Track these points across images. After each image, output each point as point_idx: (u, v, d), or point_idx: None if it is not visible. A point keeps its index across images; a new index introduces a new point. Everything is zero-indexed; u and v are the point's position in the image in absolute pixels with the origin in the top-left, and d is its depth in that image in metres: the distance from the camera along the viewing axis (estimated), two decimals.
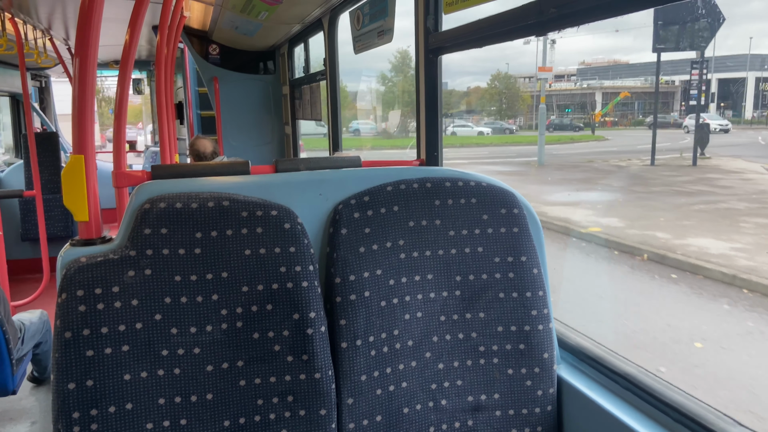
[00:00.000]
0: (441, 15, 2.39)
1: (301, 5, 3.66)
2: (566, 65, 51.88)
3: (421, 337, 1.55)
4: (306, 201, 1.57)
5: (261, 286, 1.44)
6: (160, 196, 1.44)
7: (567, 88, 50.35)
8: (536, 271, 1.62)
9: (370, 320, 1.49)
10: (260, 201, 1.48)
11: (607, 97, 45.64)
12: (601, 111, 42.87)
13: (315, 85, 4.54)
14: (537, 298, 1.60)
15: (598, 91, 47.08)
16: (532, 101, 44.66)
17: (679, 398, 1.35)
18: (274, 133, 5.74)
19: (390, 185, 1.59)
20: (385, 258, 1.54)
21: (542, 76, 26.37)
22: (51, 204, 5.94)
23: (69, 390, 1.30)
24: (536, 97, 38.44)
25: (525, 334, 1.58)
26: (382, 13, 3.01)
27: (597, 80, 49.08)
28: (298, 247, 1.47)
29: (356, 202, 1.56)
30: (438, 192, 1.61)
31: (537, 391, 1.58)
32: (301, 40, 4.75)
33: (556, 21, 1.66)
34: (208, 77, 5.49)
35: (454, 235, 1.60)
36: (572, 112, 46.96)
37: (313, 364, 1.43)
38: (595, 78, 49.54)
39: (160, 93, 3.68)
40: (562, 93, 50.00)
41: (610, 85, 47.29)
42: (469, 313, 1.58)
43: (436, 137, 2.63)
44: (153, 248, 1.39)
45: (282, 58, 5.39)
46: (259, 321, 1.43)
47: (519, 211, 1.64)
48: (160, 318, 1.37)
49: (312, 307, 1.45)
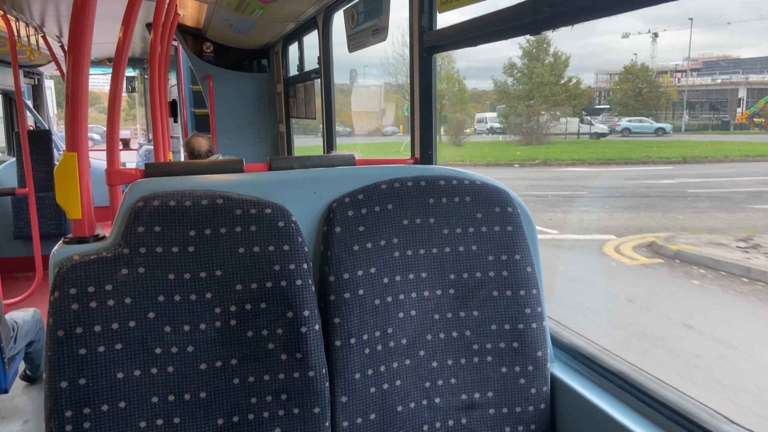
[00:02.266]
0: (435, 13, 2.39)
1: (296, 3, 3.65)
2: (667, 60, 44.75)
3: (415, 336, 1.55)
4: (300, 199, 1.56)
5: (255, 284, 1.43)
6: (153, 194, 1.43)
7: (702, 83, 41.35)
8: (530, 269, 1.62)
9: (364, 318, 1.49)
10: (254, 199, 1.48)
11: (753, 94, 37.44)
12: (749, 110, 34.61)
13: (309, 83, 4.53)
14: (531, 297, 1.60)
15: (742, 86, 38.83)
16: (679, 96, 37.96)
17: (672, 396, 1.36)
18: (268, 131, 5.73)
19: (384, 183, 1.59)
20: (379, 256, 1.54)
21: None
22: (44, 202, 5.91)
23: (61, 388, 1.29)
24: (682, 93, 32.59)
25: (519, 333, 1.59)
26: (377, 11, 3.00)
27: (741, 74, 40.39)
28: (292, 246, 1.46)
29: (350, 200, 1.56)
30: (432, 190, 1.61)
31: (531, 389, 1.58)
32: (296, 39, 4.74)
33: (550, 20, 1.66)
34: (202, 75, 5.48)
35: (448, 234, 1.60)
36: (702, 110, 39.19)
37: (307, 362, 1.43)
38: (738, 71, 40.82)
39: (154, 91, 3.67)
40: (695, 89, 41.05)
41: (757, 80, 38.58)
42: (463, 312, 1.59)
43: (430, 136, 2.63)
44: (146, 246, 1.38)
45: (276, 57, 5.38)
46: (252, 319, 1.43)
47: (513, 210, 1.64)
48: (154, 316, 1.36)
49: (306, 306, 1.45)
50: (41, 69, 7.95)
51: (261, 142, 5.72)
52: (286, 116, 5.32)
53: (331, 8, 3.66)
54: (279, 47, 5.17)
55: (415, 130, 2.64)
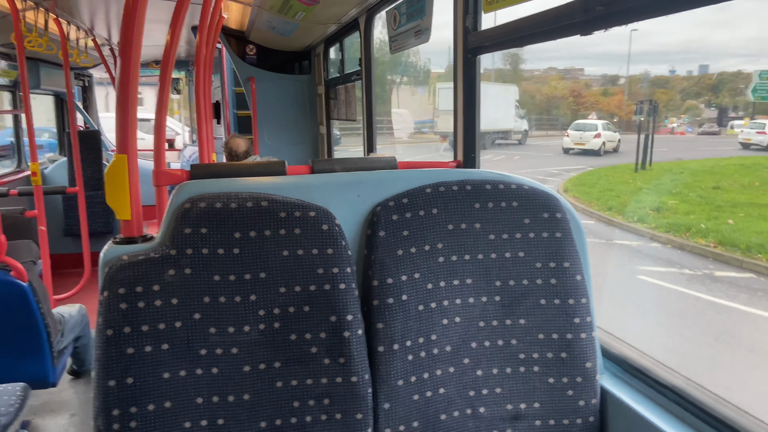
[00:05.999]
0: (480, 14, 2.35)
1: (338, 5, 3.66)
2: None
3: (459, 343, 1.52)
4: (343, 202, 1.55)
5: (298, 287, 1.43)
6: (200, 196, 1.45)
7: None
8: (579, 277, 1.57)
9: (407, 324, 1.47)
10: (298, 202, 1.47)
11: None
12: None
13: (350, 85, 4.53)
14: (580, 306, 1.55)
15: None
16: None
17: (732, 414, 1.29)
18: (308, 132, 5.77)
19: (429, 187, 1.57)
20: (423, 261, 1.51)
21: None
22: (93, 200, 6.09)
23: (109, 387, 1.31)
24: None
25: (567, 343, 1.54)
26: (420, 12, 2.98)
27: None
28: (335, 249, 1.45)
29: (394, 203, 1.54)
30: (478, 195, 1.57)
31: (579, 401, 1.53)
32: (337, 40, 4.76)
33: (603, 19, 1.60)
34: (245, 77, 5.55)
35: (495, 239, 1.56)
36: None
37: (349, 367, 1.42)
38: None
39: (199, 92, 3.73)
40: None
41: None
42: (509, 320, 1.55)
43: (473, 138, 2.59)
44: (193, 247, 1.39)
45: (317, 58, 5.41)
46: (296, 322, 1.42)
47: (562, 216, 1.59)
48: (199, 317, 1.37)
49: (349, 310, 1.43)
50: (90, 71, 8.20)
51: (302, 143, 5.77)
52: (327, 118, 5.35)
53: (373, 9, 3.65)
54: (320, 49, 5.20)
55: (458, 133, 2.60)
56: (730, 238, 9.37)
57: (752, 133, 20.46)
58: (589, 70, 34.71)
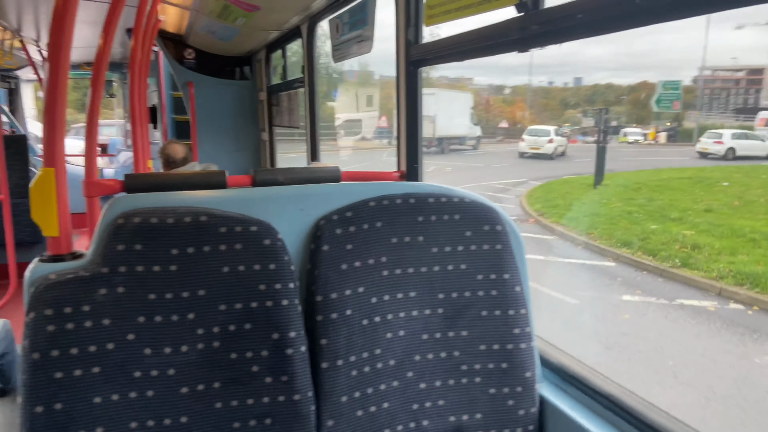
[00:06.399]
0: (421, 27, 2.38)
1: (279, 12, 3.62)
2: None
3: (404, 357, 1.52)
4: (286, 216, 1.53)
5: (239, 304, 1.39)
6: (134, 211, 1.39)
7: None
8: (519, 288, 1.61)
9: (351, 339, 1.46)
10: (239, 216, 1.44)
11: None
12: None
13: (293, 92, 4.50)
14: (519, 316, 1.59)
15: None
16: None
17: (663, 421, 1.35)
18: (250, 139, 5.67)
19: (373, 200, 1.57)
20: (368, 275, 1.51)
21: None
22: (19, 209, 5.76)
23: (37, 413, 1.24)
24: None
25: (507, 353, 1.57)
26: (362, 22, 2.99)
27: None
28: (278, 264, 1.43)
29: (338, 217, 1.53)
30: (421, 208, 1.58)
31: (519, 411, 1.56)
32: (279, 47, 4.71)
33: (539, 37, 1.65)
34: (183, 82, 5.41)
35: (437, 252, 1.58)
36: None
37: (292, 385, 1.39)
38: None
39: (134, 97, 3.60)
40: None
41: None
42: (451, 332, 1.56)
43: (416, 149, 2.61)
44: (126, 265, 1.34)
45: (259, 64, 5.33)
46: (236, 341, 1.39)
47: (502, 228, 1.62)
48: (133, 338, 1.32)
49: (292, 326, 1.41)
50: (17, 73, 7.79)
51: (243, 149, 5.66)
52: (269, 124, 5.28)
53: (315, 18, 3.63)
54: (262, 55, 5.13)
55: (402, 144, 2.62)
56: None
57: (709, 142, 21.53)
58: (478, 80, 36.49)
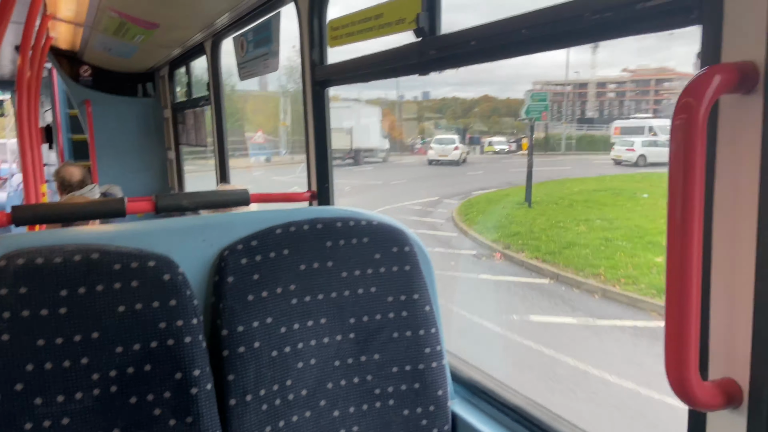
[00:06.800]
0: (326, 48, 2.39)
1: (181, 30, 3.52)
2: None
3: (316, 385, 1.50)
4: (188, 248, 1.47)
5: (138, 345, 1.32)
6: (17, 252, 1.29)
7: None
8: (428, 308, 1.63)
9: (260, 372, 1.42)
10: (135, 251, 1.37)
11: None
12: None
13: (199, 109, 4.37)
14: (430, 336, 1.61)
15: None
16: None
17: (566, 430, 1.41)
18: (155, 158, 5.44)
19: (279, 228, 1.54)
20: (276, 305, 1.48)
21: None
22: None
23: None
24: None
25: (419, 373, 1.58)
26: (267, 41, 2.95)
27: None
28: (179, 300, 1.37)
29: (243, 246, 1.49)
30: (329, 233, 1.57)
31: (432, 430, 1.58)
32: (183, 63, 4.56)
33: (437, 62, 1.70)
34: (80, 100, 5.11)
35: (347, 276, 1.57)
36: None
37: (198, 426, 1.33)
38: None
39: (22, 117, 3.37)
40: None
41: None
42: (364, 356, 1.56)
43: (326, 168, 2.61)
44: (10, 310, 1.23)
45: (162, 81, 5.14)
46: (136, 383, 1.31)
47: (410, 249, 1.64)
48: (22, 388, 1.22)
49: (196, 364, 1.35)
50: None
51: (147, 169, 5.42)
52: (176, 143, 5.09)
53: (219, 35, 3.56)
54: (165, 71, 4.95)
55: (311, 164, 2.61)
56: None
57: (622, 150, 23.35)
58: (343, 95, 39.19)
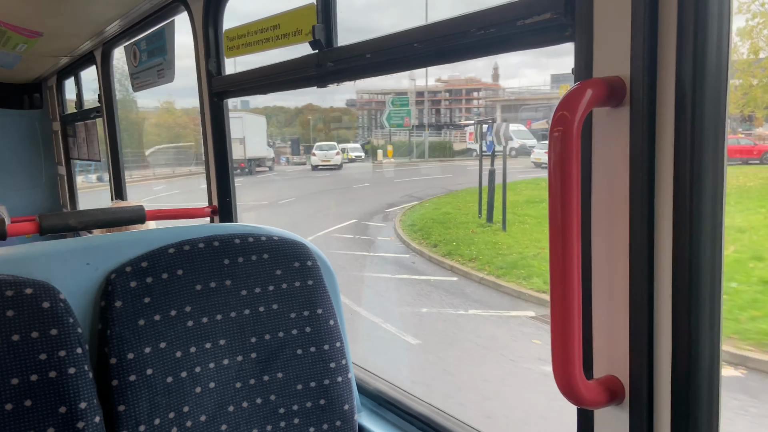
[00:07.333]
0: (223, 59, 2.33)
1: (67, 38, 3.31)
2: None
3: (216, 410, 1.44)
4: (70, 272, 1.37)
5: (15, 379, 1.21)
6: None
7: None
8: (332, 322, 1.61)
9: (154, 401, 1.35)
10: (10, 278, 1.26)
11: None
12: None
13: (91, 122, 4.12)
14: (335, 350, 1.60)
15: None
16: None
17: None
18: (44, 174, 5.08)
19: (172, 247, 1.47)
20: (170, 328, 1.41)
21: None
22: None
23: None
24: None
25: (325, 389, 1.56)
26: (161, 51, 2.84)
27: None
28: (61, 329, 1.27)
29: (132, 269, 1.41)
30: (227, 250, 1.52)
31: None
32: (72, 73, 4.29)
33: (334, 74, 1.70)
34: None
35: (247, 295, 1.52)
36: None
37: None
38: None
39: None
40: None
41: None
42: (266, 375, 1.52)
43: (227, 182, 2.53)
44: None
45: (50, 92, 4.81)
46: (15, 421, 1.21)
47: (313, 263, 1.62)
48: None
49: (82, 397, 1.26)
50: None
51: (35, 186, 5.05)
52: (66, 157, 4.77)
53: (110, 43, 3.38)
54: (53, 82, 4.64)
55: (212, 177, 2.52)
56: None
57: (541, 153, 23.63)
58: (179, 103, 40.57)
